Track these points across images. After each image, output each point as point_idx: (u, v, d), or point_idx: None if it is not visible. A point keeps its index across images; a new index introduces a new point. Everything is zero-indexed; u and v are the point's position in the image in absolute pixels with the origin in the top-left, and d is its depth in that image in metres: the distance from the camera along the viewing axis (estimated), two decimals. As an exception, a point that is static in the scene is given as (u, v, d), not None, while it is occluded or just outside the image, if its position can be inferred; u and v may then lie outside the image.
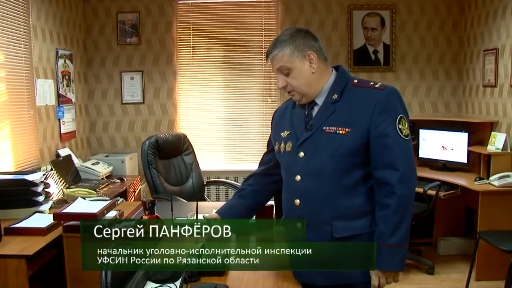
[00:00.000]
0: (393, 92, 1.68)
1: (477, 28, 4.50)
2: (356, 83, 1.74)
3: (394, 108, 1.65)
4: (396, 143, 1.63)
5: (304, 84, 1.72)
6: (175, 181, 3.92)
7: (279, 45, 1.71)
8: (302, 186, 1.73)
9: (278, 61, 1.72)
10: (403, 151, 1.64)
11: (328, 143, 1.69)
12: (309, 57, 1.71)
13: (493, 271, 3.57)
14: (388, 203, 1.62)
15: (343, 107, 1.70)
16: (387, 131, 1.64)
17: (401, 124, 1.64)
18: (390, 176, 1.62)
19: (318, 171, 1.70)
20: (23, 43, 3.50)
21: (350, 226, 1.68)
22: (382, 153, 1.64)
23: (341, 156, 1.67)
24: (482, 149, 4.05)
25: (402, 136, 1.64)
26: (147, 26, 4.79)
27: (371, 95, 1.67)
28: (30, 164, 3.55)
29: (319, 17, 4.79)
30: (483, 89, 4.39)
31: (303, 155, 1.73)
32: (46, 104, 3.85)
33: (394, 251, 1.62)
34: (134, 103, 4.87)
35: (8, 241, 2.39)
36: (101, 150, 4.86)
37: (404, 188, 1.62)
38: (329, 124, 1.70)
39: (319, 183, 1.70)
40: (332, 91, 1.74)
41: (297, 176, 1.74)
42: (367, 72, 4.81)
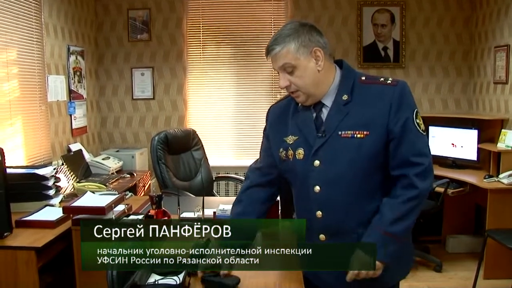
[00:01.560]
0: (405, 86, 1.60)
1: (488, 25, 4.45)
2: (364, 80, 1.63)
3: (410, 103, 1.58)
4: (417, 138, 1.57)
5: (310, 84, 1.59)
6: (184, 176, 3.96)
7: (282, 40, 1.58)
8: (323, 196, 1.61)
9: (282, 58, 1.58)
10: (425, 146, 1.59)
11: (346, 149, 1.58)
12: (315, 54, 1.59)
13: (501, 269, 3.56)
14: (403, 193, 1.56)
15: (357, 108, 1.59)
16: (408, 127, 1.56)
17: (418, 118, 1.57)
18: (411, 171, 1.55)
19: (338, 179, 1.59)
20: (35, 40, 3.56)
21: None
22: (404, 150, 1.56)
23: (362, 161, 1.57)
24: (492, 147, 4.01)
25: (421, 131, 1.58)
26: (158, 22, 4.83)
27: (384, 92, 1.58)
28: (41, 159, 3.62)
29: (328, 13, 4.78)
30: (494, 86, 4.35)
31: (319, 164, 1.60)
32: (57, 100, 3.91)
33: (388, 240, 1.55)
34: (145, 99, 4.92)
35: (19, 233, 2.44)
36: (112, 146, 4.93)
37: (424, 183, 1.56)
38: (344, 128, 1.58)
39: (340, 192, 1.60)
40: (341, 91, 1.62)
41: (316, 186, 1.61)
42: (376, 69, 4.79)
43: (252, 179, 1.86)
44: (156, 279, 1.69)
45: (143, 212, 2.74)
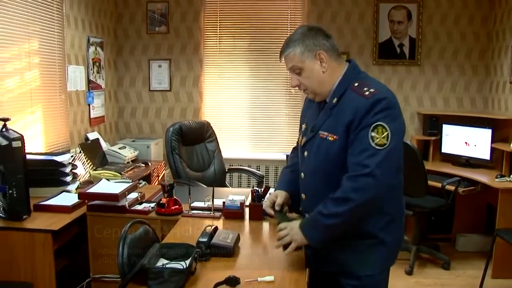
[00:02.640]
0: (377, 101, 1.62)
1: (506, 23, 4.41)
2: (354, 87, 1.70)
3: (372, 116, 1.61)
4: (363, 149, 1.61)
5: (316, 84, 1.76)
6: (197, 167, 4.04)
7: (291, 44, 1.74)
8: (305, 182, 1.87)
9: (290, 60, 1.76)
10: (367, 157, 1.60)
11: (320, 147, 1.77)
12: (320, 57, 1.73)
13: (509, 269, 3.56)
14: (336, 192, 1.66)
15: (336, 113, 1.73)
16: (357, 137, 1.63)
17: (375, 131, 1.60)
18: (347, 178, 1.64)
19: (316, 170, 1.81)
20: (56, 31, 3.67)
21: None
22: (349, 156, 1.66)
23: (331, 160, 1.73)
24: (505, 147, 3.99)
25: (373, 144, 1.60)
26: (176, 15, 4.90)
27: (358, 103, 1.65)
28: (60, 146, 3.74)
29: (345, 9, 4.79)
30: (510, 85, 4.31)
31: (307, 154, 1.84)
32: (76, 90, 4.02)
33: (315, 226, 1.69)
34: (161, 91, 5.01)
35: (37, 217, 2.56)
36: (128, 135, 5.04)
37: (353, 193, 1.62)
38: (323, 129, 1.76)
39: (317, 181, 1.80)
40: (334, 94, 1.75)
41: (302, 173, 1.88)
42: (392, 66, 4.79)
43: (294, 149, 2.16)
44: (164, 263, 1.77)
45: (155, 200, 2.83)
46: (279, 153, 5.04)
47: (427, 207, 3.84)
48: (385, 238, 1.77)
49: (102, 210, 2.61)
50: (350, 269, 1.78)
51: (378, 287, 1.84)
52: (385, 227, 1.76)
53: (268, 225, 2.40)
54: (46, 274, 2.37)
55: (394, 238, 1.81)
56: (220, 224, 2.36)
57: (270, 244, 2.13)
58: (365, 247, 1.76)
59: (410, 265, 3.74)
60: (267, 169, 5.01)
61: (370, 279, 1.78)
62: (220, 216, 2.50)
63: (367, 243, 1.76)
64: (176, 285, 1.61)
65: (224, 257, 1.90)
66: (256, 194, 2.50)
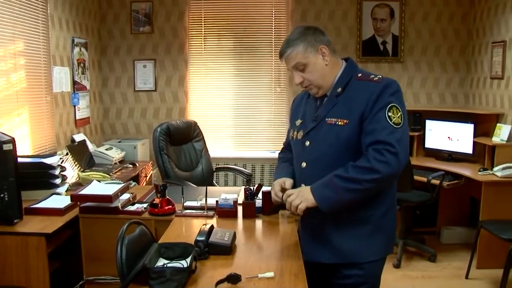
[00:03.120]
0: (388, 84, 1.75)
1: (486, 21, 4.52)
2: (359, 77, 1.83)
3: (386, 98, 1.72)
4: (382, 127, 1.69)
5: (320, 77, 1.83)
6: (185, 167, 4.04)
7: (291, 43, 1.82)
8: (307, 172, 1.87)
9: (293, 59, 1.82)
10: (388, 134, 1.68)
11: (329, 133, 1.81)
12: (322, 51, 1.82)
13: (494, 259, 3.66)
14: (359, 161, 1.70)
15: (344, 100, 1.80)
16: (375, 118, 1.71)
17: (391, 111, 1.71)
18: (371, 151, 1.68)
19: (320, 158, 1.83)
20: (41, 31, 3.63)
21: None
22: (367, 135, 1.72)
23: (339, 145, 1.78)
24: (487, 141, 4.11)
25: (391, 123, 1.70)
26: (160, 15, 4.89)
27: (368, 87, 1.76)
28: (46, 148, 3.69)
29: (329, 8, 4.84)
30: (490, 81, 4.44)
31: (309, 144, 1.87)
32: (62, 91, 3.98)
33: (329, 184, 1.70)
34: (147, 91, 4.99)
35: (28, 220, 2.53)
36: (114, 136, 5.01)
37: (379, 164, 1.65)
38: (331, 116, 1.81)
39: (320, 170, 1.80)
40: (337, 85, 1.85)
41: (303, 163, 1.89)
42: (375, 63, 4.87)
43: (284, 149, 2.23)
44: (164, 263, 1.79)
45: (147, 200, 2.83)
46: (265, 151, 5.08)
47: (414, 201, 3.92)
48: (385, 226, 1.85)
49: (95, 212, 2.60)
50: (353, 258, 1.82)
51: (379, 274, 1.91)
52: (384, 215, 1.84)
53: (261, 222, 2.44)
54: (40, 278, 2.36)
55: (391, 226, 1.89)
56: (214, 223, 2.37)
57: (266, 241, 2.16)
58: (367, 234, 1.82)
59: (398, 259, 3.82)
60: (253, 168, 5.04)
61: (372, 266, 1.84)
62: (214, 215, 2.52)
63: (369, 229, 1.82)
64: (179, 283, 1.62)
65: (222, 255, 1.92)
66: (249, 192, 2.52)
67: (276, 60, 4.95)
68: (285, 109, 5.03)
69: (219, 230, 2.07)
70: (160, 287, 1.62)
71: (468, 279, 3.60)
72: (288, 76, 4.96)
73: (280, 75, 5.01)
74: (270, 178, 5.01)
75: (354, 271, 1.84)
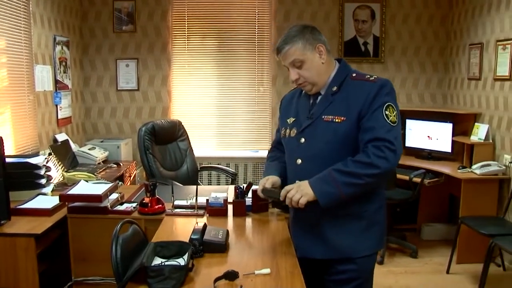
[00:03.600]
0: (385, 84, 1.81)
1: (463, 23, 4.66)
2: (354, 77, 1.88)
3: (382, 97, 1.78)
4: (380, 125, 1.75)
5: (316, 74, 1.86)
6: (171, 166, 4.03)
7: (290, 40, 1.84)
8: (302, 168, 1.89)
9: (291, 55, 1.84)
10: (386, 131, 1.74)
11: (325, 130, 1.84)
12: (319, 49, 1.85)
13: (473, 254, 3.78)
14: (358, 156, 1.74)
15: (340, 98, 1.84)
16: (373, 116, 1.76)
17: (388, 110, 1.77)
18: (371, 148, 1.73)
19: (316, 155, 1.85)
20: (23, 29, 3.56)
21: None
22: (366, 132, 1.76)
23: (336, 142, 1.82)
24: (465, 139, 4.23)
25: (388, 121, 1.76)
26: (143, 14, 4.85)
27: (364, 87, 1.81)
28: (29, 148, 3.63)
29: (311, 8, 4.90)
30: (468, 81, 4.57)
31: (304, 141, 1.89)
32: (44, 90, 3.92)
33: (329, 181, 1.73)
34: (129, 90, 4.95)
35: (16, 221, 2.49)
36: (96, 136, 4.95)
37: (379, 159, 1.70)
38: (327, 113, 1.85)
39: (316, 166, 1.82)
40: (333, 83, 1.88)
41: (298, 159, 1.90)
42: (356, 63, 4.94)
43: (273, 148, 2.24)
44: (160, 261, 1.79)
45: (136, 200, 2.82)
46: (248, 150, 5.11)
47: (397, 199, 4.01)
48: (378, 221, 1.90)
49: (83, 212, 2.58)
50: (348, 253, 1.86)
51: (372, 269, 1.95)
52: (377, 211, 1.89)
53: (252, 220, 2.46)
54: (30, 279, 2.33)
55: (383, 221, 1.94)
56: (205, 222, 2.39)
57: (258, 238, 2.19)
58: (362, 228, 1.86)
59: (381, 255, 3.90)
60: (237, 167, 5.05)
61: (365, 261, 1.88)
62: (204, 214, 2.54)
63: (363, 224, 1.86)
64: (178, 281, 1.63)
65: (217, 253, 1.94)
66: (239, 191, 2.55)
67: (260, 60, 4.99)
68: (268, 109, 5.07)
69: (212, 229, 2.09)
70: (158, 286, 1.63)
71: (449, 274, 3.71)
72: (271, 76, 5.00)
73: (263, 75, 5.04)
74: (253, 177, 5.04)
75: (348, 266, 1.87)
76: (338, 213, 1.82)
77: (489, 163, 3.87)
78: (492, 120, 4.10)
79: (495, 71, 4.03)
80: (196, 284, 1.67)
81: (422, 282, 3.59)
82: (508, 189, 3.78)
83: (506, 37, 3.89)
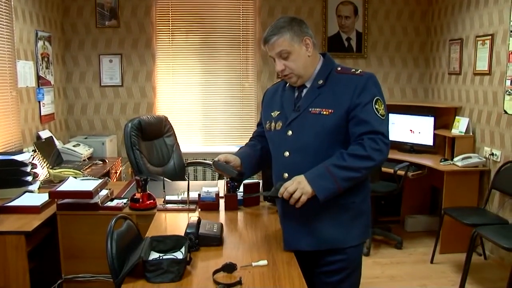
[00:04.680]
0: (371, 77, 1.85)
1: (443, 19, 4.76)
2: (339, 70, 1.90)
3: (371, 91, 1.81)
4: (373, 119, 1.78)
5: (302, 67, 1.87)
6: (158, 162, 4.01)
7: (277, 31, 1.85)
8: (290, 161, 1.90)
9: (279, 46, 1.85)
10: (379, 124, 1.78)
11: (313, 123, 1.85)
12: (306, 42, 1.87)
13: (456, 244, 3.89)
14: (353, 148, 1.76)
15: (327, 91, 1.86)
16: (365, 109, 1.79)
17: (377, 104, 1.80)
18: (366, 140, 1.75)
19: (304, 147, 1.87)
20: (5, 24, 3.49)
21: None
22: (359, 125, 1.78)
23: (324, 134, 1.83)
24: (447, 133, 4.33)
25: (378, 115, 1.79)
26: (126, 9, 4.80)
27: (352, 80, 1.84)
28: (13, 146, 3.57)
29: (295, 4, 4.93)
30: (448, 76, 4.67)
31: (291, 134, 1.89)
32: (27, 86, 3.85)
33: (326, 175, 1.74)
34: (113, 86, 4.90)
35: (4, 219, 2.46)
36: (79, 133, 4.89)
37: (374, 152, 1.72)
38: (314, 106, 1.86)
39: (305, 158, 1.85)
40: (318, 77, 1.90)
41: (286, 152, 1.91)
42: (340, 59, 4.99)
43: (252, 138, 2.24)
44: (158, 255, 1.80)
45: (125, 196, 2.81)
46: (233, 145, 5.11)
47: (382, 192, 4.09)
48: (364, 211, 1.94)
49: (73, 208, 2.56)
50: (337, 244, 1.89)
51: (359, 258, 1.99)
52: (363, 201, 1.93)
53: (244, 214, 2.49)
54: (20, 277, 2.30)
55: (369, 211, 1.98)
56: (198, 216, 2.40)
57: (252, 231, 2.21)
58: (349, 219, 1.89)
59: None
60: (222, 162, 5.05)
61: (354, 251, 1.92)
62: (196, 208, 2.55)
63: (351, 214, 1.89)
64: (176, 274, 1.64)
65: (213, 246, 1.96)
66: (231, 185, 2.57)
67: (244, 56, 5.00)
68: (253, 104, 5.09)
69: (207, 222, 2.10)
70: (157, 279, 1.64)
71: (433, 264, 3.81)
72: (256, 72, 5.01)
73: (248, 71, 5.05)
74: (239, 173, 5.04)
75: (337, 257, 1.90)
76: (327, 205, 1.82)
77: (470, 156, 3.98)
78: (472, 114, 4.21)
79: (475, 66, 4.14)
80: (194, 277, 1.69)
81: (407, 272, 3.68)
82: (488, 180, 3.89)
83: (485, 32, 4.00)
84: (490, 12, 3.92)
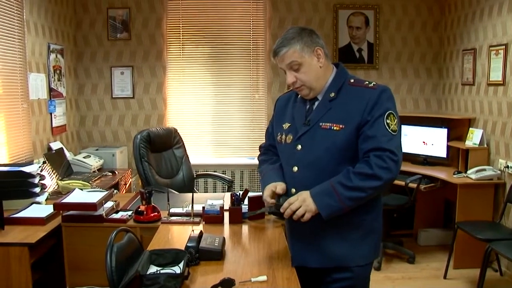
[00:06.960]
0: (384, 91, 1.76)
1: (456, 29, 4.69)
2: (352, 83, 1.83)
3: (383, 105, 1.73)
4: (381, 134, 1.71)
5: (313, 78, 1.81)
6: (166, 174, 4.01)
7: (287, 42, 1.79)
8: (298, 176, 1.84)
9: (289, 57, 1.79)
10: (387, 140, 1.70)
11: (323, 138, 1.79)
12: (317, 53, 1.80)
13: (470, 259, 3.77)
14: (359, 167, 1.70)
15: (339, 105, 1.80)
16: (374, 124, 1.72)
17: (389, 119, 1.72)
18: (373, 158, 1.69)
19: (313, 163, 1.81)
20: (17, 37, 3.55)
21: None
22: (366, 142, 1.72)
23: (334, 150, 1.77)
24: (460, 144, 4.24)
25: (389, 130, 1.71)
26: (137, 22, 4.85)
27: (364, 94, 1.76)
28: (23, 157, 3.60)
29: (306, 15, 4.92)
30: (461, 87, 4.59)
31: (301, 148, 1.84)
32: (38, 98, 3.90)
33: (330, 191, 1.70)
34: (124, 98, 4.94)
35: (9, 230, 2.47)
36: (91, 144, 4.92)
37: (381, 170, 1.66)
38: (325, 120, 1.80)
39: (313, 174, 1.79)
40: (330, 89, 1.83)
41: (295, 167, 1.86)
42: (351, 70, 4.92)
43: (267, 151, 2.15)
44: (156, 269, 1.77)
45: (131, 208, 2.80)
46: (244, 157, 5.10)
47: (393, 205, 4.01)
48: (374, 230, 1.87)
49: (78, 220, 2.56)
50: (344, 262, 1.83)
51: (368, 277, 1.93)
52: (374, 220, 1.86)
53: (248, 227, 2.45)
54: (23, 289, 2.30)
55: (380, 230, 1.91)
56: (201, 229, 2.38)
57: (254, 245, 2.17)
58: (359, 237, 1.83)
59: (378, 261, 3.89)
60: (233, 174, 5.04)
61: (361, 270, 1.85)
62: (200, 221, 2.52)
63: (361, 232, 1.83)
64: (173, 289, 1.61)
65: (213, 260, 1.92)
66: (236, 198, 2.54)
67: (255, 67, 5.00)
68: (263, 115, 5.07)
69: (208, 236, 2.08)
70: (154, 294, 1.62)
71: (447, 279, 3.70)
72: (266, 83, 5.00)
73: (259, 82, 5.04)
74: (249, 184, 5.03)
75: (344, 275, 1.85)
76: (336, 222, 1.77)
77: (484, 168, 3.88)
78: (486, 125, 4.12)
79: (489, 76, 4.06)
80: (192, 292, 1.66)
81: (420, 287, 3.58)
82: (503, 193, 3.78)
83: (498, 42, 3.92)
84: (503, 22, 3.85)
